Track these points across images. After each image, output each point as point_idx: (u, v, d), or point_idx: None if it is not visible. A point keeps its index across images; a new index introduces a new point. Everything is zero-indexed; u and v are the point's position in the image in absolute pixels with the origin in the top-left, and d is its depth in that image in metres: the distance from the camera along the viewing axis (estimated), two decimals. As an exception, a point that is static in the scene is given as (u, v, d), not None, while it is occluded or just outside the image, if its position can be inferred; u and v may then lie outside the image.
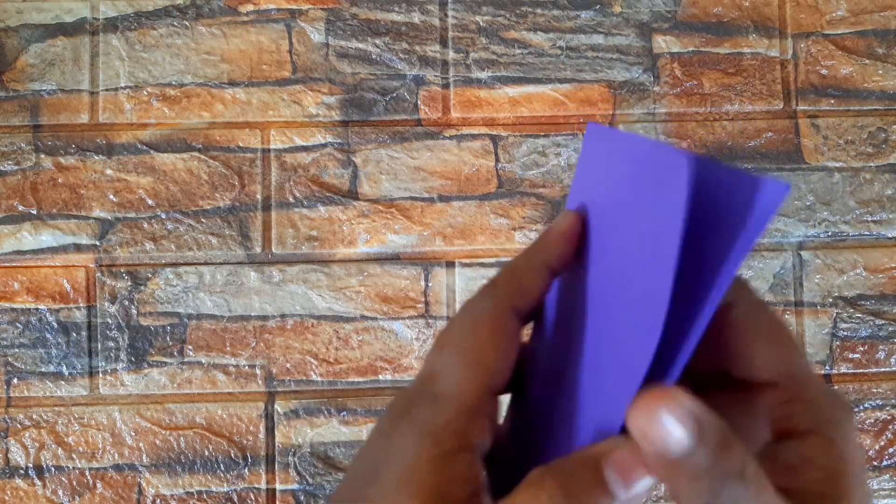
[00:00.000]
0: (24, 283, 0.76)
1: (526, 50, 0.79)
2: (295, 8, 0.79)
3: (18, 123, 0.78)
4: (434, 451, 0.20)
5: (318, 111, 0.78)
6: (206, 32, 0.79)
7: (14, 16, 0.79)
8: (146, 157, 0.78)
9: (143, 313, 0.76)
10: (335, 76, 0.78)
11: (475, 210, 0.78)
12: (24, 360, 0.76)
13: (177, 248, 0.77)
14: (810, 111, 0.78)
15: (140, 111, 0.78)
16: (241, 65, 0.78)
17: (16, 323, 0.76)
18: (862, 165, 0.78)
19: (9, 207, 0.77)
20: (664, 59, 0.79)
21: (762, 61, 0.79)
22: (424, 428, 0.21)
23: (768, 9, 0.79)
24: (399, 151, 0.78)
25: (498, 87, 0.78)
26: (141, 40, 0.78)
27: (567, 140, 0.78)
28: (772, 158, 0.78)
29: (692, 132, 0.78)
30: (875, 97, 0.78)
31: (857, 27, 0.79)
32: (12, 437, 0.76)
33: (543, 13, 0.79)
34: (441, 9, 0.79)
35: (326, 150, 0.78)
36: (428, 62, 0.78)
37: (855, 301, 0.77)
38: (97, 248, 0.77)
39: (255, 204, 0.77)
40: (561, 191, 0.78)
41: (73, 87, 0.78)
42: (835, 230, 0.78)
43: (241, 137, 0.78)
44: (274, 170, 0.78)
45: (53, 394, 0.76)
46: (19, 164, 0.77)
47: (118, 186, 0.77)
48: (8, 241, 0.77)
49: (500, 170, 0.78)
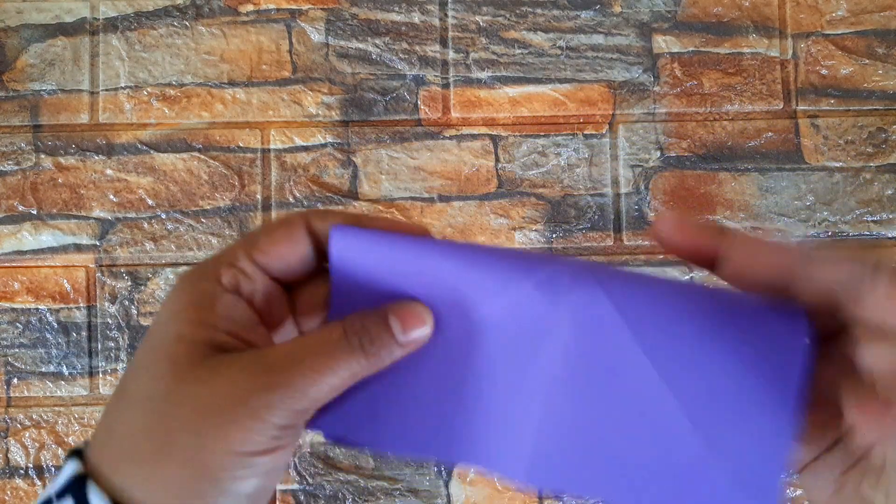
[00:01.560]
0: (25, 283, 0.76)
1: (526, 50, 0.79)
2: (295, 8, 0.79)
3: (18, 123, 0.78)
4: (191, 297, 0.23)
5: (318, 111, 0.78)
6: (206, 32, 0.79)
7: (14, 16, 0.79)
8: (146, 157, 0.78)
9: (143, 313, 0.76)
10: (335, 76, 0.78)
11: (475, 210, 0.78)
12: (25, 360, 0.76)
13: (177, 248, 0.77)
14: (810, 111, 0.78)
15: (140, 111, 0.78)
16: (241, 65, 0.78)
17: (16, 323, 0.76)
18: (862, 165, 0.78)
19: (9, 207, 0.77)
20: (664, 59, 0.79)
21: (762, 61, 0.79)
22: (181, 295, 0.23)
23: (768, 9, 0.79)
24: (399, 151, 0.78)
25: (498, 87, 0.78)
26: (141, 40, 0.79)
27: (567, 140, 0.78)
28: (772, 158, 0.78)
29: (692, 132, 0.78)
30: (875, 97, 0.78)
31: (857, 27, 0.79)
32: (12, 437, 0.76)
33: (543, 13, 0.79)
34: (441, 9, 0.79)
35: (326, 150, 0.78)
36: (428, 62, 0.78)
37: (855, 301, 0.77)
38: (97, 248, 0.77)
39: (255, 204, 0.77)
40: (561, 191, 0.78)
41: (73, 87, 0.78)
42: (835, 230, 0.78)
43: (240, 137, 0.78)
44: (274, 170, 0.78)
45: (53, 394, 0.76)
46: (19, 164, 0.77)
47: (118, 186, 0.77)
48: (8, 241, 0.77)
49: (500, 170, 0.78)
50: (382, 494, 0.75)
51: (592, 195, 0.78)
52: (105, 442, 0.22)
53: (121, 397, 0.22)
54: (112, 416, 0.22)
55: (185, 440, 0.20)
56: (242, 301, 0.23)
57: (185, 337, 0.21)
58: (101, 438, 0.22)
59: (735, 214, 0.78)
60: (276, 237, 0.24)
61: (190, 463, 0.20)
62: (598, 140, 0.78)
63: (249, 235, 0.24)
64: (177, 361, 0.21)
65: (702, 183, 0.78)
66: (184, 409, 0.21)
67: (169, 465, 0.20)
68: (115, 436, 0.22)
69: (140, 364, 0.22)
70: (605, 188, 0.78)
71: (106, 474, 0.21)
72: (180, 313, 0.22)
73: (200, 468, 0.20)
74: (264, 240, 0.24)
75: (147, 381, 0.21)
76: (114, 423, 0.22)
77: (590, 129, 0.78)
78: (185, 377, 0.21)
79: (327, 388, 0.22)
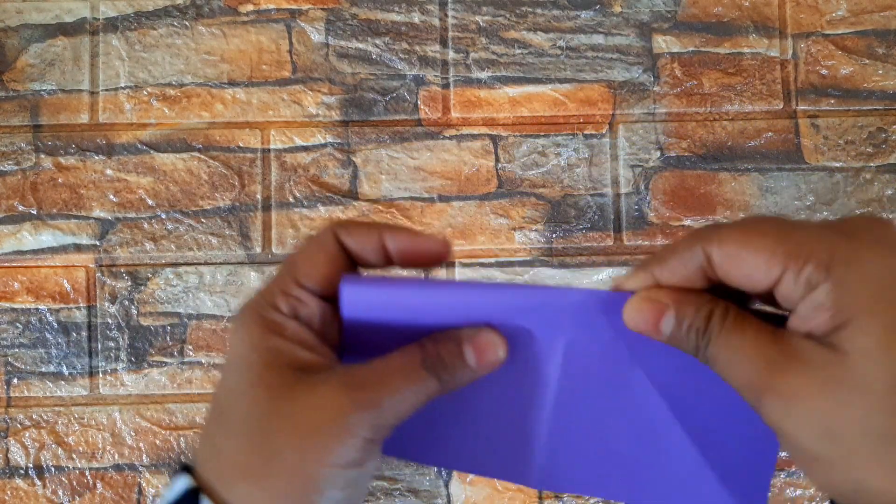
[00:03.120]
0: (25, 283, 0.76)
1: (526, 50, 0.79)
2: (295, 8, 0.79)
3: (18, 123, 0.78)
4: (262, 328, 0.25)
5: (317, 111, 0.78)
6: (206, 32, 0.79)
7: (14, 16, 0.78)
8: (146, 157, 0.78)
9: (143, 313, 0.76)
10: (335, 76, 0.78)
11: (475, 210, 0.78)
12: (25, 360, 0.76)
13: (177, 248, 0.77)
14: (810, 111, 0.78)
15: (140, 111, 0.78)
16: (240, 65, 0.78)
17: (16, 323, 0.76)
18: (862, 165, 0.78)
19: (9, 207, 0.77)
20: (664, 59, 0.79)
21: (762, 61, 0.79)
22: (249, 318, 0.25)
23: (768, 9, 0.79)
24: (399, 151, 0.78)
25: (498, 87, 0.78)
26: (141, 40, 0.78)
27: (567, 140, 0.78)
28: (772, 158, 0.78)
29: (692, 132, 0.78)
30: (875, 97, 0.78)
31: (857, 27, 0.79)
32: (12, 437, 0.76)
33: (543, 13, 0.79)
34: (441, 9, 0.79)
35: (326, 150, 0.78)
36: (428, 62, 0.78)
37: (855, 301, 0.77)
38: (97, 248, 0.77)
39: (255, 204, 0.77)
40: (561, 191, 0.78)
41: (73, 87, 0.78)
42: (835, 230, 0.78)
43: (241, 137, 0.78)
44: (274, 170, 0.78)
45: (53, 394, 0.76)
46: (19, 164, 0.77)
47: (118, 186, 0.77)
48: (8, 241, 0.77)
49: (500, 170, 0.78)
50: (382, 494, 0.75)
51: (592, 195, 0.78)
52: (211, 459, 0.24)
53: (221, 421, 0.24)
54: (215, 437, 0.24)
55: (290, 456, 0.22)
56: (303, 325, 0.25)
57: (272, 363, 0.23)
58: (206, 456, 0.24)
59: (735, 214, 0.78)
60: (314, 260, 0.25)
61: (295, 476, 0.22)
62: (598, 140, 0.78)
63: (288, 262, 0.26)
64: (271, 385, 0.23)
65: (702, 183, 0.78)
66: (286, 427, 0.23)
67: (276, 478, 0.23)
68: (223, 454, 0.24)
69: (235, 390, 0.24)
70: (605, 188, 0.78)
71: (216, 489, 0.23)
72: (259, 344, 0.24)
73: (304, 480, 0.22)
74: (303, 264, 0.25)
75: (246, 405, 0.23)
76: (219, 443, 0.24)
77: (590, 129, 0.78)
78: (282, 399, 0.23)
79: (408, 406, 0.24)
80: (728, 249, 0.22)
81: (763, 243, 0.22)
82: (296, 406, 0.23)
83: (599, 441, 0.27)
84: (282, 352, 0.24)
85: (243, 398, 0.24)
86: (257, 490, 0.23)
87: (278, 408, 0.23)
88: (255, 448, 0.23)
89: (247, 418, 0.23)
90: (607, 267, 0.77)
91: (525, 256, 0.77)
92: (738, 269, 0.22)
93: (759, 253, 0.21)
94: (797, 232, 0.22)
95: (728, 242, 0.22)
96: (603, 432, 0.27)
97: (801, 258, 0.21)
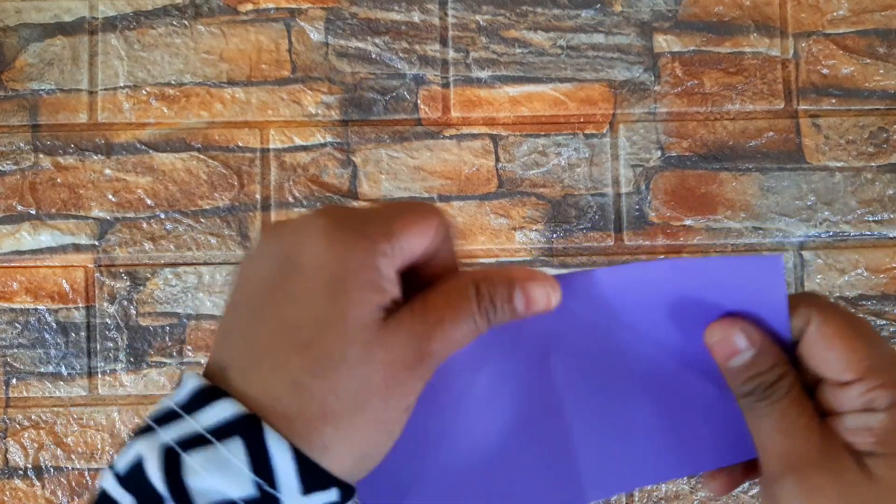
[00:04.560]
0: (23, 283, 0.76)
1: (526, 49, 0.78)
2: (294, 7, 0.78)
3: (17, 123, 0.77)
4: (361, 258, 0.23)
5: (317, 111, 0.78)
6: (206, 32, 0.78)
7: (13, 15, 0.78)
8: (145, 156, 0.77)
9: (142, 313, 0.76)
10: (335, 76, 0.78)
11: (475, 210, 0.77)
12: (23, 361, 0.76)
13: (176, 248, 0.77)
14: (811, 111, 0.78)
15: (139, 111, 0.78)
16: (240, 64, 0.78)
17: (15, 323, 0.76)
18: (863, 165, 0.78)
19: (8, 207, 0.77)
20: (665, 59, 0.78)
21: (763, 61, 0.78)
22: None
23: (769, 8, 0.79)
24: (399, 151, 0.78)
25: (498, 86, 0.78)
26: (140, 40, 0.78)
27: (567, 140, 0.78)
28: (773, 158, 0.78)
29: (693, 132, 0.78)
30: (876, 97, 0.78)
31: (858, 26, 0.79)
32: (11, 437, 0.75)
33: (544, 12, 0.78)
34: (441, 8, 0.79)
35: (326, 150, 0.78)
36: (428, 61, 0.78)
37: (856, 301, 0.77)
38: (96, 249, 0.77)
39: (254, 204, 0.77)
40: (561, 190, 0.78)
41: (71, 87, 0.78)
42: (836, 230, 0.78)
43: (240, 137, 0.78)
44: (273, 169, 0.77)
45: (52, 394, 0.76)
46: (18, 163, 0.77)
47: (117, 186, 0.77)
48: (7, 241, 0.76)
49: (501, 169, 0.78)
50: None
51: (593, 195, 0.78)
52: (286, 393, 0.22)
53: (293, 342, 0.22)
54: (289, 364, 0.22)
55: (377, 403, 0.22)
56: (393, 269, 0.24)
57: (367, 300, 0.23)
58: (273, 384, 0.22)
59: (736, 214, 0.77)
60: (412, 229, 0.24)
61: (378, 422, 0.23)
62: (598, 140, 0.78)
63: (381, 213, 0.24)
64: (367, 326, 0.22)
65: (703, 182, 0.78)
66: (376, 374, 0.22)
67: (362, 425, 0.22)
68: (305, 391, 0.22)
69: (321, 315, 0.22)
70: (605, 188, 0.78)
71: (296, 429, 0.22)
72: (358, 271, 0.23)
73: (386, 425, 0.23)
74: (400, 224, 0.24)
75: (340, 341, 0.22)
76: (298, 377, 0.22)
77: (590, 128, 0.78)
78: (373, 343, 0.22)
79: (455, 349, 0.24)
80: (827, 330, 0.24)
81: (857, 346, 0.24)
82: (385, 353, 0.22)
83: (620, 428, 0.27)
84: (377, 290, 0.23)
85: (334, 332, 0.22)
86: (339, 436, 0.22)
87: (371, 353, 0.22)
88: (349, 395, 0.22)
89: (343, 359, 0.22)
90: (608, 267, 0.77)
91: (525, 256, 0.77)
92: (821, 351, 0.24)
93: (851, 353, 0.24)
94: (886, 354, 0.24)
95: (831, 324, 0.24)
96: (619, 417, 0.27)
97: (878, 379, 0.24)
